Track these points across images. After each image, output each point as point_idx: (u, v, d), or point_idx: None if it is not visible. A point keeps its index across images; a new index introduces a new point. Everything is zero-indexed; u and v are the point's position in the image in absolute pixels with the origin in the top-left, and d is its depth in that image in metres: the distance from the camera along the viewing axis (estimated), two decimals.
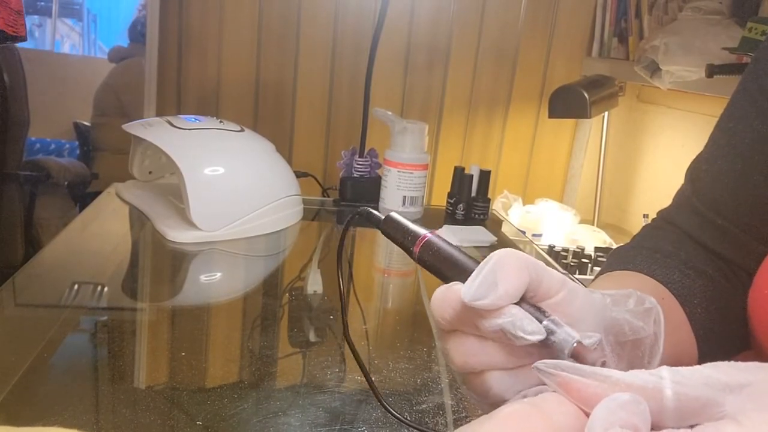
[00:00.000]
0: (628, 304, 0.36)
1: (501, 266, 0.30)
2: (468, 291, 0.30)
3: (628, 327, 0.35)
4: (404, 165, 1.08)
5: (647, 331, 0.36)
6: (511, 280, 0.30)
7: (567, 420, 0.26)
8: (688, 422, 0.25)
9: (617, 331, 0.34)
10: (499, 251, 0.31)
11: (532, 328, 0.30)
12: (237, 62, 1.62)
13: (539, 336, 0.30)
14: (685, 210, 0.53)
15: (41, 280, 0.76)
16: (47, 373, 0.56)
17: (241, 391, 0.56)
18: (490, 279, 0.30)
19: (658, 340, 0.36)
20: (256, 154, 1.00)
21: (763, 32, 1.06)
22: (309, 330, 0.71)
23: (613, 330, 0.34)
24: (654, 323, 0.36)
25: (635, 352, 0.35)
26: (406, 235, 0.37)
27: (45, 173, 2.19)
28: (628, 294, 0.37)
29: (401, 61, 1.67)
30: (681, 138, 1.52)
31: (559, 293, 0.32)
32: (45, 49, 3.30)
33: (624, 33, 1.60)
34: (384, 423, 0.52)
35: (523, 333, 0.30)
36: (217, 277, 0.86)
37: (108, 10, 3.33)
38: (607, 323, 0.34)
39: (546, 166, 1.83)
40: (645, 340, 0.36)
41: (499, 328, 0.30)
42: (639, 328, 0.35)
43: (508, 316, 0.30)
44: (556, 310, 0.32)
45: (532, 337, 0.30)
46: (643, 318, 0.36)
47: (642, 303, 0.37)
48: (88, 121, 2.67)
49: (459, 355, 0.33)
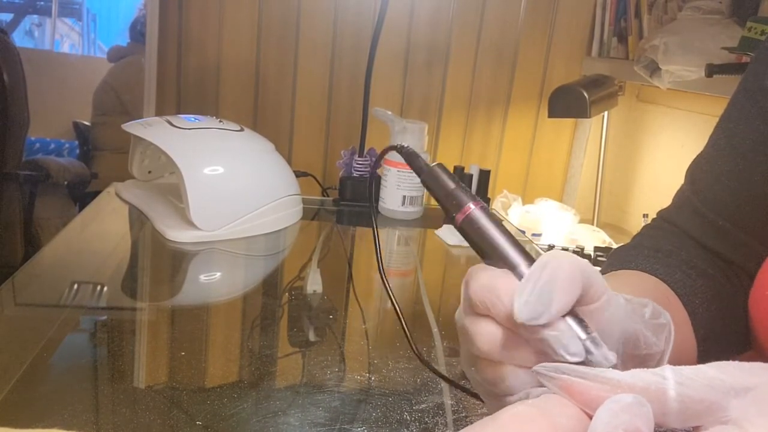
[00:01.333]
0: (644, 313, 0.35)
1: (557, 277, 0.29)
2: (521, 309, 0.29)
3: (644, 341, 0.34)
4: (404, 165, 1.08)
5: (659, 347, 0.35)
6: (566, 294, 0.29)
7: (570, 422, 0.26)
8: (691, 424, 0.25)
9: (633, 344, 0.33)
10: (552, 254, 0.30)
11: (575, 349, 0.29)
12: (237, 62, 1.61)
13: (579, 358, 0.29)
14: (685, 210, 0.53)
15: (41, 279, 0.76)
16: (47, 372, 0.56)
17: (240, 391, 0.56)
18: (546, 294, 0.28)
19: (664, 356, 0.35)
20: (256, 153, 0.99)
21: (763, 32, 1.06)
22: (308, 329, 0.71)
23: (629, 341, 0.33)
24: (665, 341, 0.35)
25: (643, 366, 0.35)
26: (450, 199, 0.34)
27: (44, 173, 2.19)
28: (644, 303, 0.36)
29: (401, 61, 1.67)
30: (680, 137, 1.52)
31: (601, 299, 0.31)
32: (45, 49, 3.31)
33: (623, 32, 1.60)
34: (384, 422, 0.52)
35: (564, 352, 0.29)
36: (216, 277, 0.86)
37: (107, 10, 3.33)
38: (628, 332, 0.33)
39: (545, 165, 1.83)
40: (655, 356, 0.35)
41: (541, 340, 0.29)
42: (652, 344, 0.34)
43: (554, 330, 0.29)
44: (593, 317, 0.31)
45: (573, 358, 0.29)
46: (657, 333, 0.35)
47: (657, 317, 0.35)
48: (88, 120, 2.68)
49: (485, 342, 0.32)
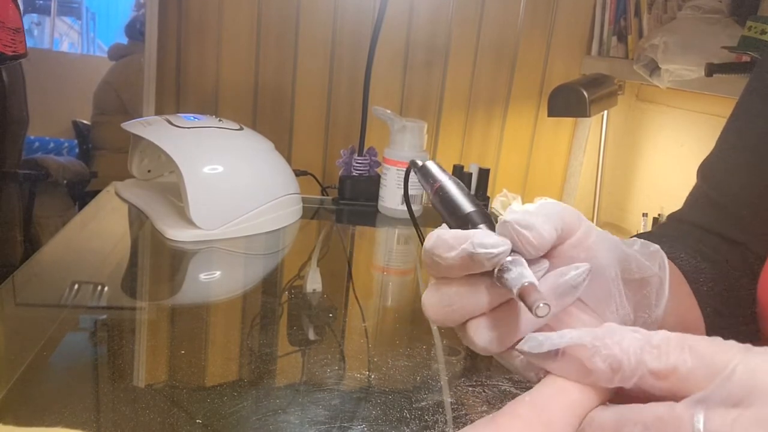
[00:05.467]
0: (633, 244, 0.36)
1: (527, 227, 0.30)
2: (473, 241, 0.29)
3: (636, 264, 0.35)
4: (404, 163, 1.08)
5: (654, 270, 0.36)
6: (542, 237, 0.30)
7: (564, 416, 0.26)
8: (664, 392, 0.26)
9: (625, 267, 0.34)
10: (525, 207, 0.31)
11: (491, 241, 0.29)
12: (236, 61, 1.61)
13: (502, 247, 0.29)
14: (699, 205, 0.53)
15: (40, 279, 0.76)
16: (47, 371, 0.56)
17: (240, 390, 0.56)
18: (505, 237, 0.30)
19: (663, 283, 0.36)
20: (256, 152, 0.99)
21: (763, 31, 1.06)
22: (308, 328, 0.71)
23: (621, 265, 0.34)
24: (659, 267, 0.36)
25: (642, 291, 0.35)
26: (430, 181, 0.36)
27: (44, 172, 2.19)
28: (632, 241, 0.37)
29: (400, 60, 1.67)
30: (680, 137, 1.52)
31: (578, 231, 0.32)
32: (44, 48, 3.30)
33: (623, 32, 1.60)
34: (383, 420, 0.52)
35: (483, 248, 0.29)
36: (216, 276, 0.86)
37: (107, 9, 3.33)
38: (618, 257, 0.34)
39: (545, 164, 1.83)
40: (651, 280, 0.36)
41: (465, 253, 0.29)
42: (646, 267, 0.35)
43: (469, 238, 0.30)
44: (578, 244, 0.32)
45: (495, 249, 0.29)
46: (649, 259, 0.36)
47: (647, 247, 0.37)
48: (88, 119, 2.67)
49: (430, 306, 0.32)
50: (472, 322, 0.32)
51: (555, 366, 0.28)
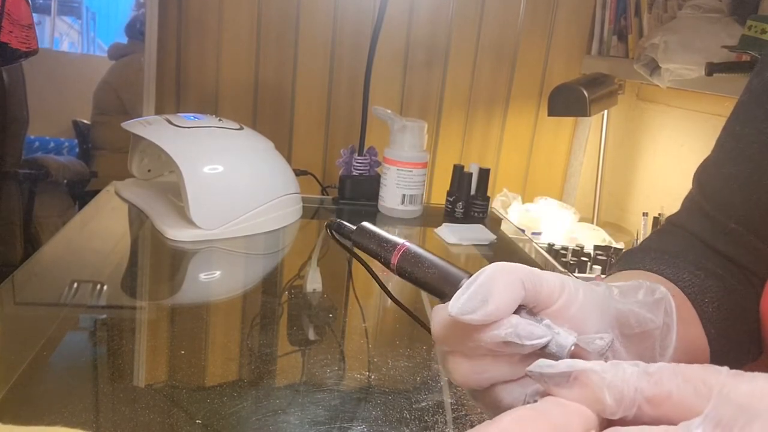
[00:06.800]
0: (637, 295, 0.35)
1: (492, 281, 0.29)
2: (455, 305, 0.29)
3: (634, 319, 0.34)
4: (403, 163, 1.08)
5: (656, 323, 0.35)
6: (502, 295, 0.29)
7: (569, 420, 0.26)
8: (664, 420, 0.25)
9: (623, 324, 0.34)
10: (491, 266, 0.30)
11: (539, 332, 0.29)
12: (236, 61, 1.61)
13: (547, 338, 0.29)
14: (694, 214, 0.53)
15: (40, 278, 0.76)
16: (47, 371, 0.56)
17: (240, 390, 0.56)
18: (480, 295, 0.29)
19: (670, 331, 0.36)
20: (256, 152, 0.99)
21: (763, 30, 1.06)
22: (308, 328, 0.71)
23: (618, 323, 0.34)
24: (665, 314, 0.35)
25: (644, 344, 0.35)
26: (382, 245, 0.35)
27: (44, 171, 2.19)
28: (637, 285, 0.36)
29: (400, 60, 1.67)
30: (680, 136, 1.52)
31: (560, 298, 0.31)
32: (44, 47, 3.29)
33: (623, 31, 1.60)
34: (383, 421, 0.52)
35: (529, 340, 0.29)
36: (216, 276, 0.86)
37: (107, 8, 3.33)
38: (613, 316, 0.33)
39: (545, 164, 1.83)
40: (654, 332, 0.35)
41: (501, 340, 0.30)
42: (647, 320, 0.34)
43: (508, 327, 0.29)
44: (559, 315, 0.31)
45: (541, 340, 0.29)
46: (653, 309, 0.35)
47: (652, 293, 0.36)
48: (88, 119, 2.67)
49: (460, 376, 0.33)
50: (505, 386, 0.32)
51: (564, 392, 0.27)
